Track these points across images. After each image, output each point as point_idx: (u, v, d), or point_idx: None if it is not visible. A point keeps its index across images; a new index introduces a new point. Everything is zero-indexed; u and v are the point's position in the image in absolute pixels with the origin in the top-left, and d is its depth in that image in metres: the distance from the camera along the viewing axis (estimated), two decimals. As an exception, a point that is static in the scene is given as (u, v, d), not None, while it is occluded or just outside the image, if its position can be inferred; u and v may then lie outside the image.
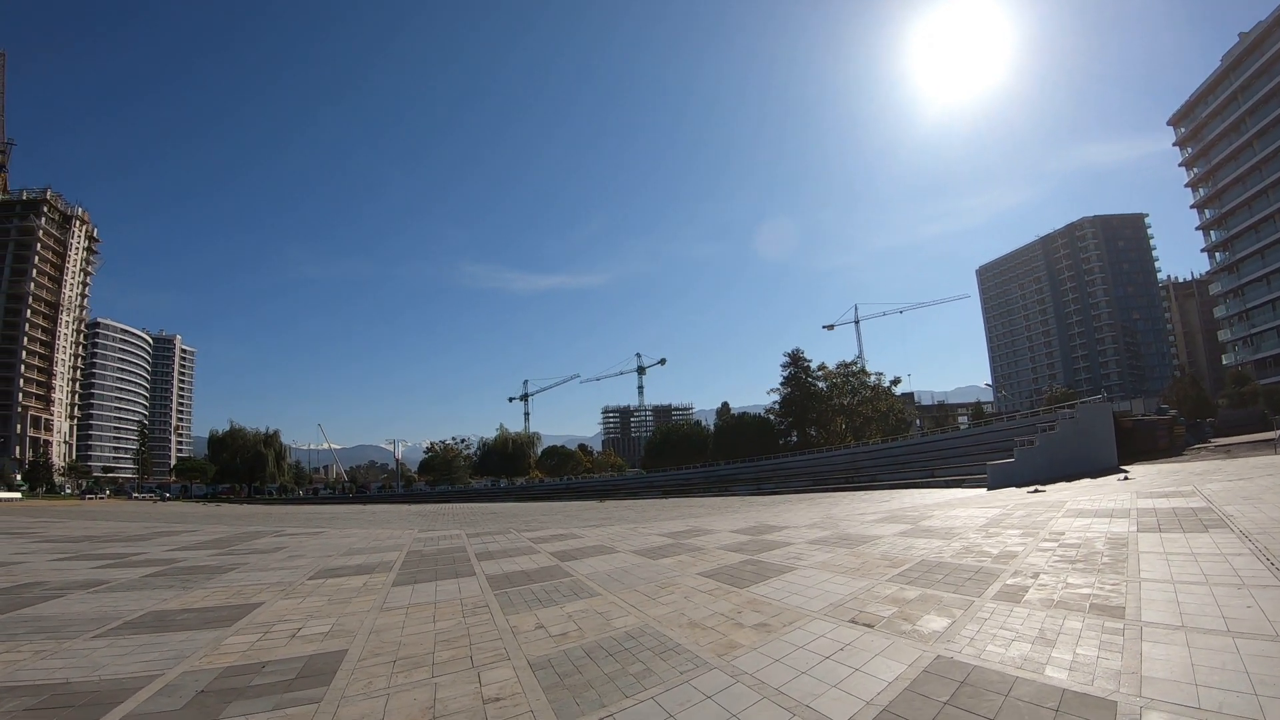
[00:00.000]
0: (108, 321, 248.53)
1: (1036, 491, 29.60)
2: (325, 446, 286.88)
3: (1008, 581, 11.67)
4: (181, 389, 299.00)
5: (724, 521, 28.44)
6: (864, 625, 9.51)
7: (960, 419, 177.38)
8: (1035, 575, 11.99)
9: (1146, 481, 28.90)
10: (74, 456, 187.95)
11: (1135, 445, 47.50)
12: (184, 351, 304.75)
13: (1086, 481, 33.15)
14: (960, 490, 38.71)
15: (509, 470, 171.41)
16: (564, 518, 40.04)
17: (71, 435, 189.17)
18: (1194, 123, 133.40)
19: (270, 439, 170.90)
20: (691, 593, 12.75)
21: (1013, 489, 33.84)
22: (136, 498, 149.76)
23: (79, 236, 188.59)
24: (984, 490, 36.17)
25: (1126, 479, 31.20)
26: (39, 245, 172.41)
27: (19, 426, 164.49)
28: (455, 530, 31.65)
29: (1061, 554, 13.80)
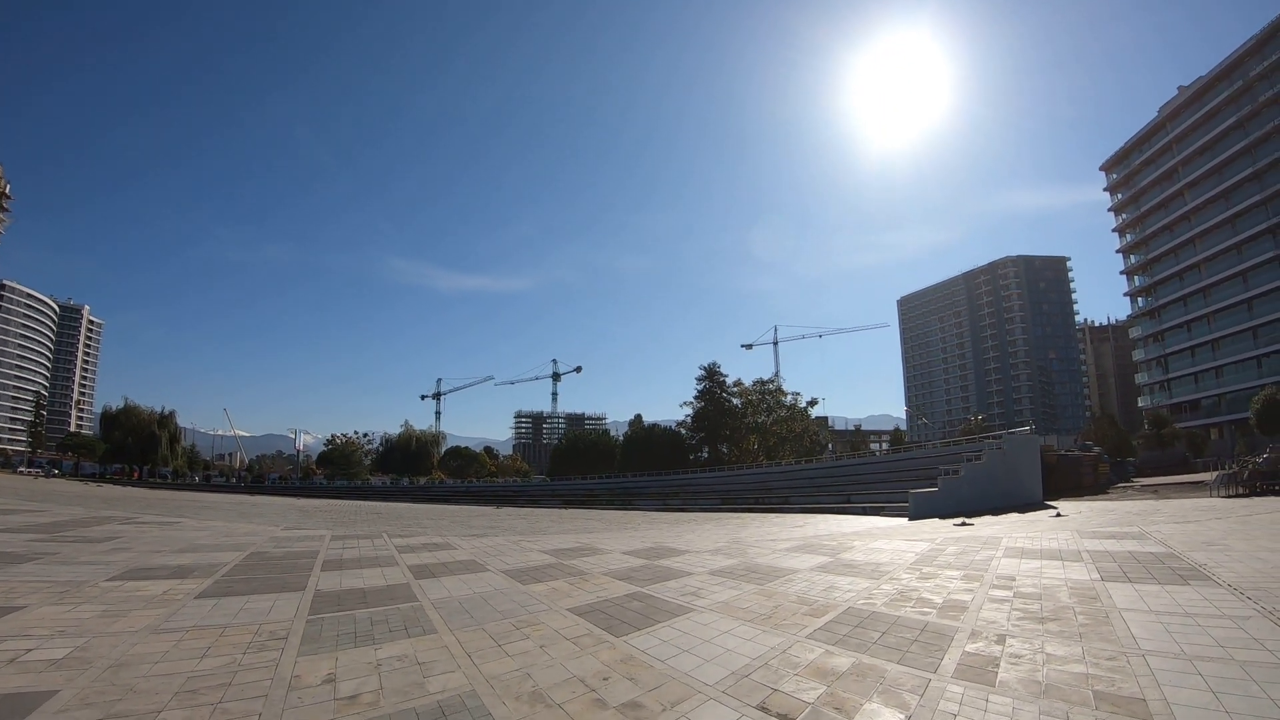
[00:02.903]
0: (12, 284, 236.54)
1: (964, 524, 27.20)
2: (231, 433, 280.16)
3: (968, 648, 8.87)
4: (86, 362, 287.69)
5: (619, 540, 25.61)
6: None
7: (873, 445, 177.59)
8: (1000, 639, 9.24)
9: (1082, 520, 26.61)
10: None
11: (1060, 481, 46.21)
12: (92, 323, 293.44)
13: (1015, 516, 31.11)
14: (880, 519, 36.19)
15: (411, 469, 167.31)
16: (449, 523, 37.42)
17: None
18: (1127, 169, 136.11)
19: (165, 420, 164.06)
20: (553, 639, 9.85)
21: (936, 520, 31.69)
22: (22, 472, 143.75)
23: None
24: (905, 520, 33.77)
25: (1059, 516, 29.10)
26: None
27: None
28: (323, 530, 28.89)
29: (1023, 608, 11.06)
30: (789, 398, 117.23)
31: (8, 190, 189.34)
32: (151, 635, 9.72)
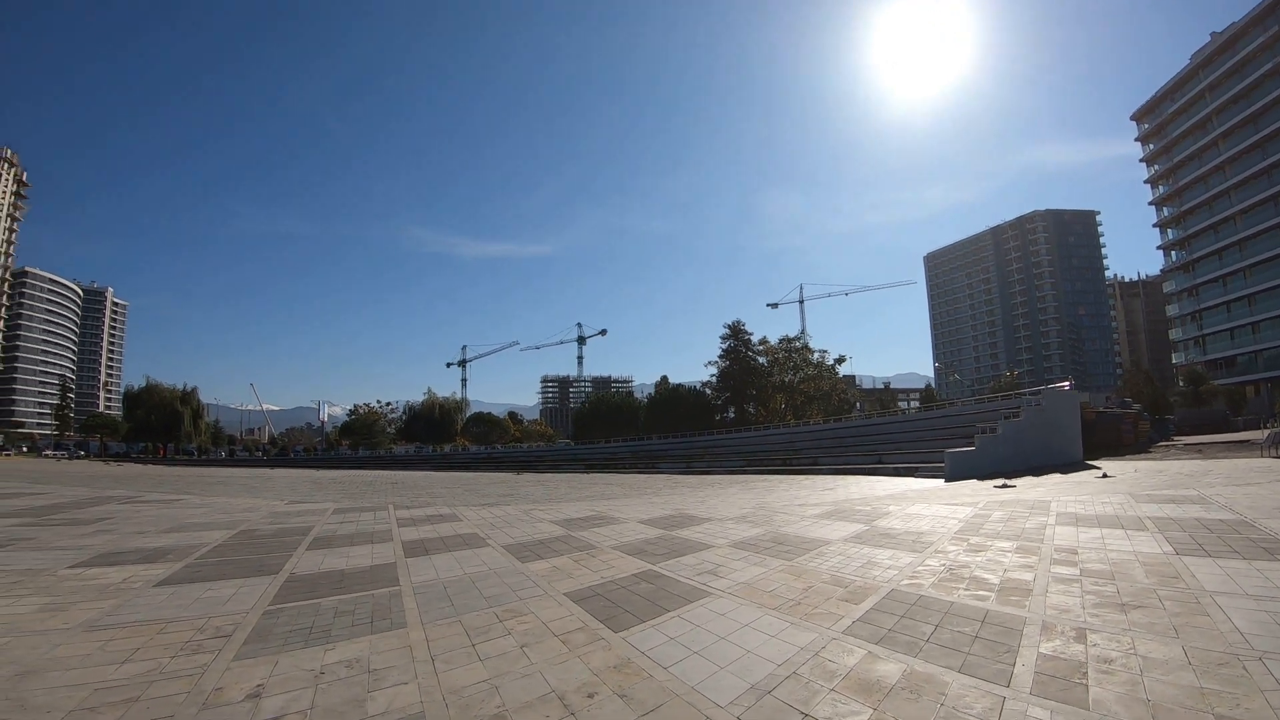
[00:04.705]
0: (36, 271, 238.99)
1: (1005, 486, 25.52)
2: (259, 408, 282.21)
3: (1043, 648, 7.14)
4: (112, 344, 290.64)
5: (637, 507, 24.02)
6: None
7: (900, 403, 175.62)
8: (1079, 634, 7.52)
9: (1132, 481, 24.79)
10: None
11: (1099, 439, 44.19)
12: (116, 305, 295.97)
13: (1058, 477, 29.26)
14: (914, 480, 34.60)
15: (435, 436, 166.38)
16: (464, 491, 36.24)
17: None
18: (1158, 119, 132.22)
19: (187, 396, 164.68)
20: (539, 635, 8.27)
21: (975, 481, 29.99)
22: (47, 455, 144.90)
23: (6, 179, 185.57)
24: (941, 481, 32.06)
25: (1105, 477, 27.20)
26: None
27: None
28: (328, 503, 27.68)
29: (1095, 590, 9.33)
30: (816, 355, 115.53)
31: (25, 178, 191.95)
32: (83, 634, 8.59)
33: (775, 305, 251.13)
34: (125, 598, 10.47)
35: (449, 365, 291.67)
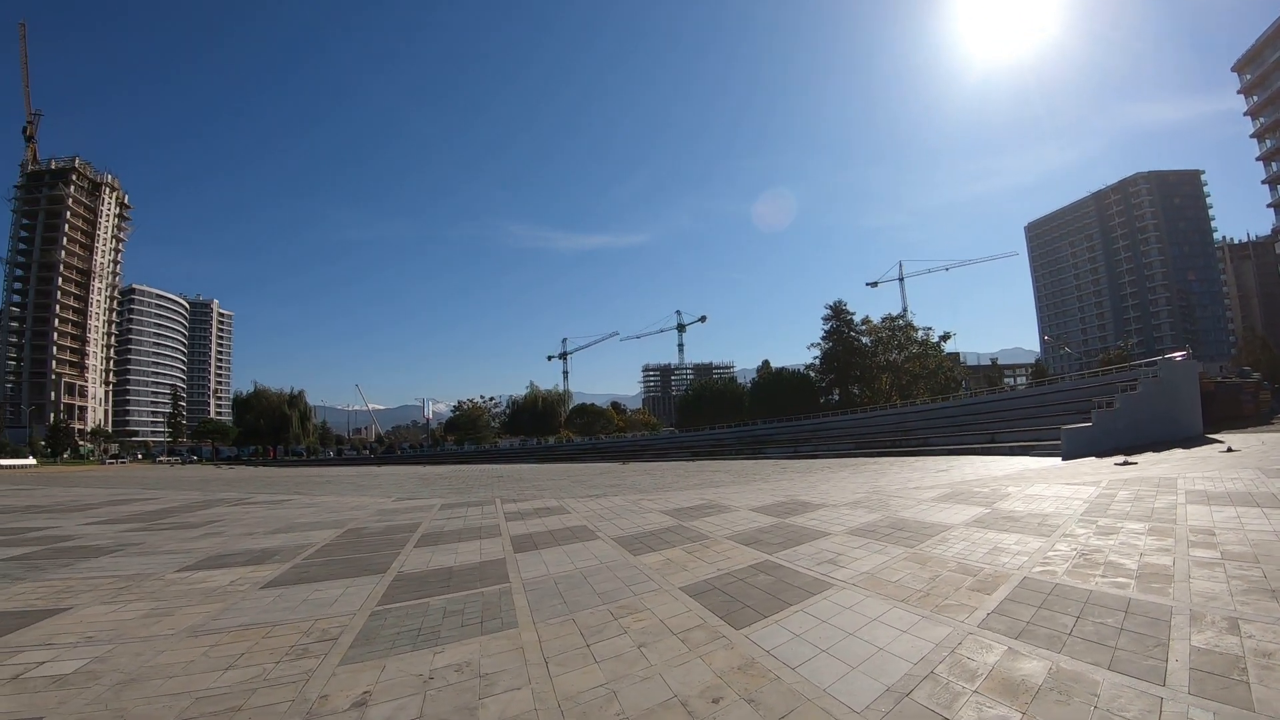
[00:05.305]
0: (142, 287, 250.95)
1: (1127, 463, 24.48)
2: (365, 408, 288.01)
3: (1195, 641, 6.63)
4: (220, 353, 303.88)
5: (747, 494, 23.43)
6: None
7: (1007, 380, 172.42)
8: (1232, 625, 6.98)
9: (1261, 455, 23.74)
10: (111, 422, 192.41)
11: (1217, 411, 42.79)
12: (222, 315, 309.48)
13: (1180, 452, 28.15)
14: (1029, 459, 33.57)
15: (539, 429, 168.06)
16: (570, 483, 35.96)
17: (107, 401, 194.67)
18: (1261, 68, 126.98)
19: (295, 399, 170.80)
20: (657, 633, 7.94)
21: (1093, 459, 28.86)
22: (161, 461, 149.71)
23: (109, 203, 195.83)
24: (1058, 460, 31.00)
25: (1230, 451, 26.11)
26: (68, 213, 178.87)
27: (52, 394, 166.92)
28: (435, 499, 27.97)
29: (1240, 575, 8.73)
30: (920, 333, 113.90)
31: (126, 200, 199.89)
32: (187, 639, 8.54)
33: (875, 284, 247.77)
34: (231, 601, 10.47)
35: (550, 358, 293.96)
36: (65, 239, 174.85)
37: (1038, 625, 7.39)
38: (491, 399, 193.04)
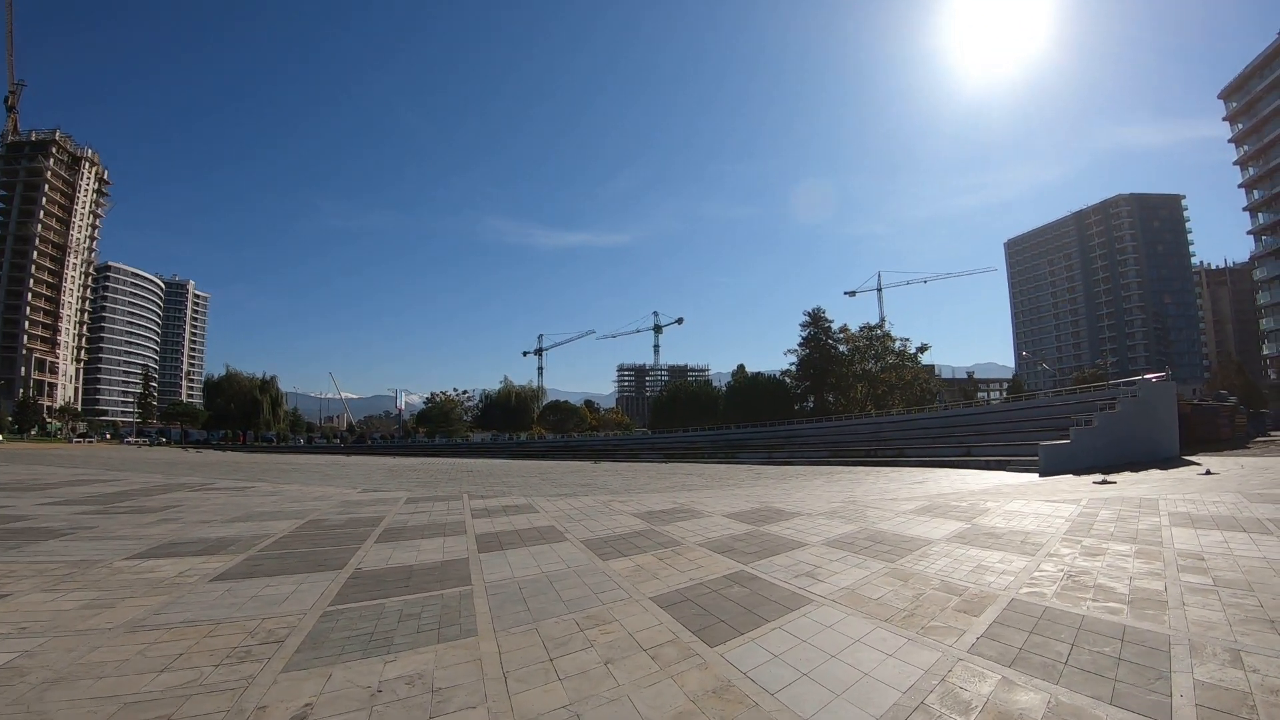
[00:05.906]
0: (118, 265, 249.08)
1: (1105, 482, 24.41)
2: (337, 396, 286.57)
3: (1198, 674, 6.25)
4: (194, 335, 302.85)
5: (721, 500, 23.13)
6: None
7: (981, 394, 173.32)
8: (1234, 657, 6.61)
9: (1240, 479, 23.65)
10: (81, 399, 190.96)
11: (1194, 433, 42.93)
12: (197, 297, 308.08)
13: (1158, 473, 28.15)
14: (1006, 474, 33.64)
15: (511, 425, 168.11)
16: (540, 480, 35.64)
17: (78, 379, 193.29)
18: (1247, 96, 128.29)
19: (266, 385, 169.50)
20: (625, 648, 7.47)
21: (1071, 476, 28.92)
22: (129, 442, 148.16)
23: (88, 178, 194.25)
24: (1035, 475, 31.09)
25: (1209, 474, 26.06)
26: (46, 186, 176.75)
27: (22, 369, 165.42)
28: (401, 492, 27.61)
29: (1236, 603, 8.40)
30: (897, 343, 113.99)
31: (106, 176, 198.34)
32: (125, 635, 8.04)
33: (853, 293, 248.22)
34: (177, 594, 10.00)
35: (525, 354, 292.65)
36: (42, 212, 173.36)
37: (1031, 652, 6.98)
38: (465, 392, 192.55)
